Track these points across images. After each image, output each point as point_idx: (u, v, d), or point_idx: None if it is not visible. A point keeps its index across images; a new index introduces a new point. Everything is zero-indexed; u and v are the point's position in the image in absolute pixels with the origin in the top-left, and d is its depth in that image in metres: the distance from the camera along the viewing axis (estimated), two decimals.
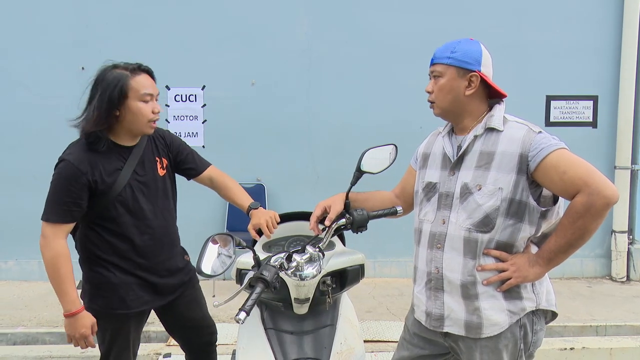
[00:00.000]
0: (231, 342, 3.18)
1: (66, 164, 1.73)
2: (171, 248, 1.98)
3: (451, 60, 1.50)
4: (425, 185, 1.64)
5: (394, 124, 4.38)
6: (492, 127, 1.50)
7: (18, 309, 3.86)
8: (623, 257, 4.61)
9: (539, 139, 1.43)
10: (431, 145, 1.70)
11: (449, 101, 1.54)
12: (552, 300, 1.57)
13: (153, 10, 4.39)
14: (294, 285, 1.58)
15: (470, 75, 1.50)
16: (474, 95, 1.52)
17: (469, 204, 1.49)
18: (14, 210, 4.45)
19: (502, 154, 1.46)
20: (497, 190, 1.45)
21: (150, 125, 1.82)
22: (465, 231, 1.49)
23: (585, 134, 4.62)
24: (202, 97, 4.44)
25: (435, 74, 1.54)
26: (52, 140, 4.32)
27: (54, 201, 1.75)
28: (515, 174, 1.44)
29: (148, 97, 1.77)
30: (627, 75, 4.49)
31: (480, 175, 1.48)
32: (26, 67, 4.39)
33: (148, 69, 1.83)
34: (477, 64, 1.51)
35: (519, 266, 1.46)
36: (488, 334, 1.49)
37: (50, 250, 1.74)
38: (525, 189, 1.44)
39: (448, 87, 1.52)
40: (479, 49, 1.53)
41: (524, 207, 1.45)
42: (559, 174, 1.38)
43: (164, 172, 1.95)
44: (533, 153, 1.42)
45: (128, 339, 1.92)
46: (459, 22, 4.40)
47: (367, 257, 1.80)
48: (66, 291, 1.74)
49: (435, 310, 1.57)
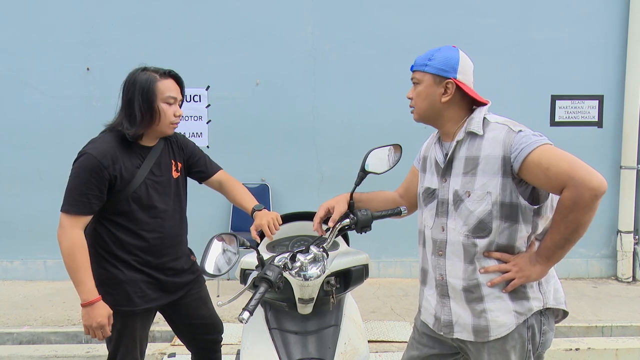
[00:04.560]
0: (235, 342, 3.18)
1: (89, 156, 1.77)
2: (179, 249, 2.01)
3: (428, 67, 1.54)
4: (424, 190, 1.65)
5: (399, 124, 4.35)
6: (471, 130, 1.50)
7: (24, 308, 3.88)
8: (629, 258, 4.59)
9: (518, 139, 1.42)
10: (429, 148, 1.71)
11: (425, 107, 1.57)
12: (560, 299, 1.56)
13: (158, 11, 4.41)
14: (298, 285, 1.58)
15: (446, 82, 1.52)
16: (451, 101, 1.54)
17: (462, 210, 1.50)
18: (20, 210, 4.48)
19: (486, 158, 1.46)
20: (486, 195, 1.45)
21: (171, 127, 1.90)
22: (464, 237, 1.50)
23: (590, 134, 4.59)
24: (206, 97, 4.45)
25: (414, 80, 1.58)
26: (59, 140, 4.38)
27: (75, 193, 1.77)
28: (500, 176, 1.44)
29: (172, 100, 1.87)
30: (633, 74, 4.47)
31: (468, 181, 1.49)
32: (34, 67, 4.42)
33: (176, 75, 1.92)
34: (454, 71, 1.52)
35: (521, 266, 1.46)
36: (495, 336, 1.49)
37: (68, 240, 1.76)
38: (513, 190, 1.44)
39: (424, 93, 1.55)
40: (456, 56, 1.54)
41: (516, 208, 1.44)
42: (542, 171, 1.38)
43: (177, 175, 2.01)
44: (515, 154, 1.41)
45: (135, 337, 1.93)
46: (464, 21, 4.39)
47: (372, 257, 1.80)
48: (83, 280, 1.77)
49: (444, 317, 1.57)
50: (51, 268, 4.52)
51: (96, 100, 4.36)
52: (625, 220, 4.58)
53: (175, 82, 1.90)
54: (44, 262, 4.55)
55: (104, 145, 1.81)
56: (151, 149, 1.92)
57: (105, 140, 1.83)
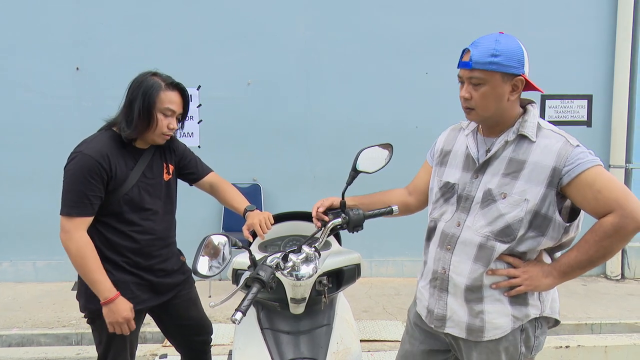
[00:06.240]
0: (227, 343, 3.17)
1: (84, 156, 1.75)
2: (168, 250, 2.01)
3: (495, 66, 1.38)
4: (443, 185, 1.59)
5: (393, 124, 4.38)
6: (524, 134, 1.43)
7: (13, 310, 3.84)
8: (618, 256, 4.64)
9: (576, 154, 1.37)
10: (452, 142, 1.63)
11: (493, 109, 1.43)
12: (556, 308, 1.56)
13: (150, 11, 4.37)
14: (290, 285, 1.58)
15: (515, 79, 1.41)
16: (516, 98, 1.46)
17: (491, 211, 1.44)
18: (10, 211, 4.43)
19: (535, 164, 1.40)
20: (523, 202, 1.40)
21: (162, 137, 1.89)
22: (483, 238, 1.46)
23: (579, 133, 4.59)
24: (197, 97, 4.43)
25: (475, 81, 1.42)
26: (49, 141, 4.34)
27: (74, 194, 1.74)
28: (544, 187, 1.38)
29: (169, 112, 1.85)
30: (621, 74, 4.52)
31: (507, 183, 1.43)
32: (25, 67, 4.36)
33: (183, 88, 1.90)
34: (522, 66, 1.41)
35: (531, 275, 1.44)
36: (489, 337, 1.48)
37: (75, 243, 1.74)
38: (552, 203, 1.39)
39: (494, 95, 1.41)
40: (520, 48, 1.41)
41: (549, 221, 1.41)
42: (593, 192, 1.35)
43: (169, 177, 2.00)
44: (568, 168, 1.36)
45: (125, 339, 1.92)
46: (455, 22, 4.40)
47: (364, 257, 1.80)
48: (99, 280, 1.76)
49: (438, 310, 1.57)
50: (41, 269, 4.47)
51: (86, 100, 4.31)
52: None
53: (179, 96, 1.88)
54: (34, 264, 4.50)
55: (99, 145, 1.79)
56: (144, 151, 1.92)
57: (100, 140, 1.82)
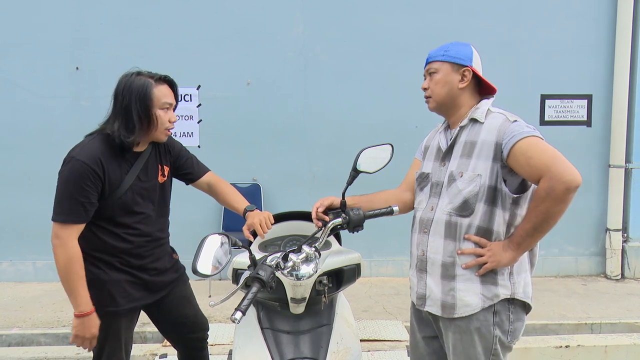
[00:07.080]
0: (227, 342, 3.17)
1: (78, 162, 1.72)
2: (161, 249, 2.00)
3: (445, 57, 1.64)
4: (419, 176, 1.76)
5: (391, 123, 4.39)
6: (474, 118, 1.61)
7: (12, 310, 3.84)
8: (617, 255, 4.64)
9: (512, 127, 1.52)
10: (431, 139, 1.82)
11: (444, 94, 1.65)
12: (528, 293, 1.63)
13: (148, 11, 4.38)
14: (290, 285, 1.58)
15: (463, 69, 1.63)
16: (466, 88, 1.65)
17: (452, 190, 1.59)
18: (8, 211, 4.44)
19: (482, 142, 1.56)
20: (477, 177, 1.55)
21: (165, 133, 1.89)
22: (447, 215, 1.60)
23: (579, 133, 4.64)
24: (197, 96, 4.43)
25: (431, 70, 1.67)
26: (47, 140, 4.34)
27: (68, 201, 1.72)
28: (491, 161, 1.53)
29: (167, 105, 1.85)
30: (621, 73, 4.51)
31: (463, 163, 1.59)
32: (22, 67, 4.36)
33: (171, 80, 1.89)
34: (469, 60, 1.64)
35: (494, 251, 1.54)
36: (460, 314, 1.57)
37: (66, 252, 1.73)
38: (499, 175, 1.53)
39: (443, 81, 1.64)
40: (470, 49, 1.68)
41: (498, 192, 1.54)
42: (526, 159, 1.47)
43: (164, 179, 1.99)
44: (506, 140, 1.51)
45: (119, 338, 1.92)
46: (453, 21, 4.41)
47: (364, 257, 1.81)
48: (79, 292, 1.75)
49: (419, 290, 1.68)
50: (40, 269, 4.47)
51: (85, 100, 4.32)
52: (614, 219, 4.61)
53: (169, 87, 1.87)
54: (33, 264, 4.50)
55: (92, 150, 1.76)
56: (140, 154, 1.89)
57: (93, 145, 1.78)
